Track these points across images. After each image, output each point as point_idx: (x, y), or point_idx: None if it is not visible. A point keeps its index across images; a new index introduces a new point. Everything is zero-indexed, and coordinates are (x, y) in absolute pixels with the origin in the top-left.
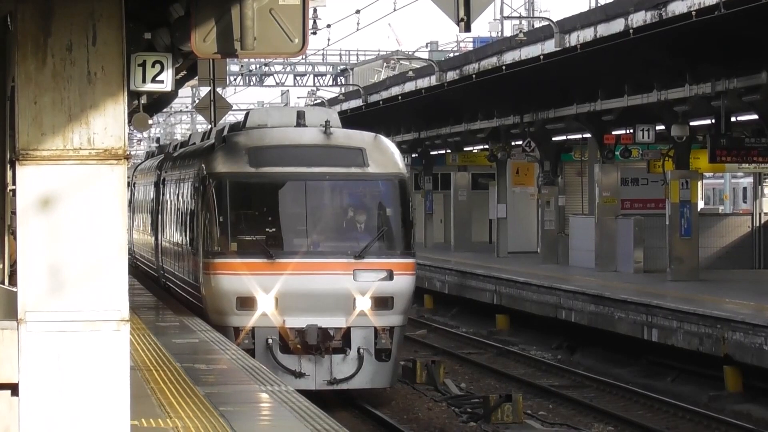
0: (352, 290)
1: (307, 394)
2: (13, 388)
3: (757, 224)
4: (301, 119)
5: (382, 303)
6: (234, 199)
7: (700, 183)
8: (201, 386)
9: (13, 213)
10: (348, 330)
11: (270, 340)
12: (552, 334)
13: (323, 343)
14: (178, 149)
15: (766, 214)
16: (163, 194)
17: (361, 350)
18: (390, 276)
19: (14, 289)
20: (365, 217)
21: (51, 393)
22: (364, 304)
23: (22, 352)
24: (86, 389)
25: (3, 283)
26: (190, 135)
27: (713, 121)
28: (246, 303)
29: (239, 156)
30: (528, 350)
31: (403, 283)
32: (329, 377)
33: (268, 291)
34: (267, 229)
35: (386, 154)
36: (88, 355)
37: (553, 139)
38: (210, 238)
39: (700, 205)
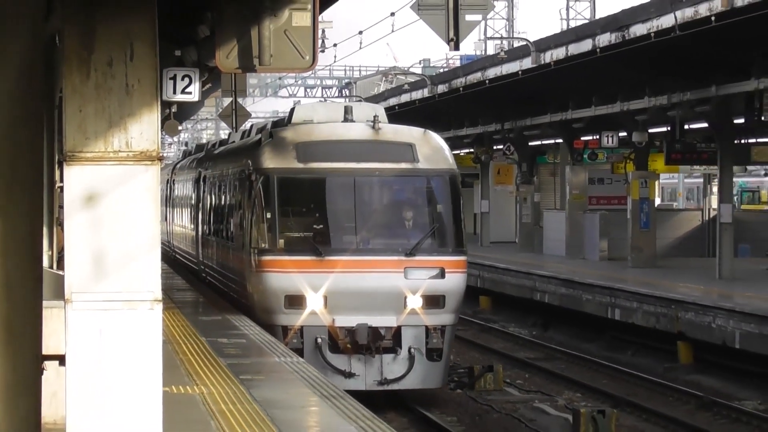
0: (403, 288)
1: (356, 394)
2: (61, 359)
3: (707, 219)
4: (348, 114)
5: (433, 301)
6: (282, 195)
7: (657, 182)
8: (223, 358)
9: (61, 207)
10: (399, 329)
11: (319, 340)
12: (528, 313)
13: (374, 343)
14: (218, 147)
15: (714, 210)
16: (204, 190)
17: (412, 350)
18: (442, 274)
19: (62, 273)
20: (415, 213)
21: (93, 363)
22: (415, 302)
23: (68, 328)
24: (124, 360)
25: (52, 268)
26: (230, 134)
27: (669, 128)
28: (295, 301)
29: (287, 151)
30: (507, 327)
31: (454, 281)
32: (380, 377)
33: (317, 289)
34: (315, 226)
35: (436, 150)
36: (126, 331)
37: (530, 143)
38: (257, 235)
39: (657, 201)
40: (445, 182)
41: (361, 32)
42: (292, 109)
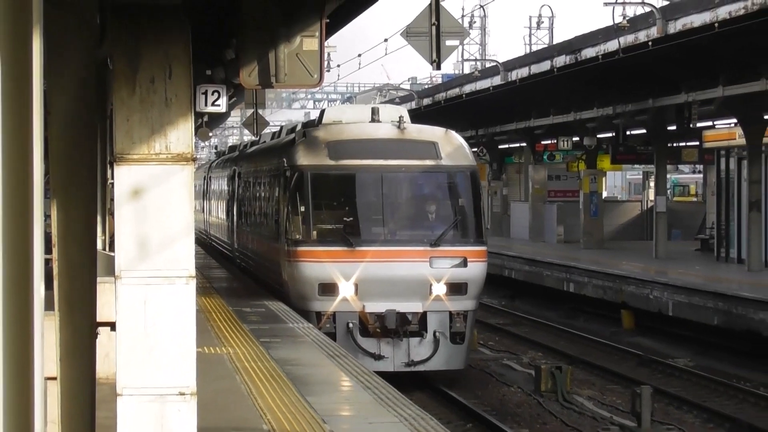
0: (429, 276)
1: (385, 375)
2: (112, 325)
3: (645, 208)
4: (375, 115)
5: (456, 288)
6: (315, 190)
7: (604, 178)
8: (246, 324)
9: (112, 200)
10: (424, 314)
11: (350, 324)
12: (498, 286)
13: (401, 327)
14: (251, 147)
15: (651, 201)
16: (238, 185)
17: (437, 333)
18: (464, 263)
19: (113, 255)
20: (439, 206)
21: (139, 328)
22: (439, 289)
23: (118, 299)
24: (164, 326)
25: (105, 251)
26: (260, 136)
27: (614, 134)
28: (327, 289)
29: (319, 149)
30: (481, 298)
31: (476, 269)
32: (407, 359)
33: (348, 277)
34: (346, 219)
35: (457, 147)
36: (166, 302)
37: (499, 146)
38: (292, 227)
39: (604, 194)
40: (466, 177)
41: (360, 55)
42: (323, 111)
